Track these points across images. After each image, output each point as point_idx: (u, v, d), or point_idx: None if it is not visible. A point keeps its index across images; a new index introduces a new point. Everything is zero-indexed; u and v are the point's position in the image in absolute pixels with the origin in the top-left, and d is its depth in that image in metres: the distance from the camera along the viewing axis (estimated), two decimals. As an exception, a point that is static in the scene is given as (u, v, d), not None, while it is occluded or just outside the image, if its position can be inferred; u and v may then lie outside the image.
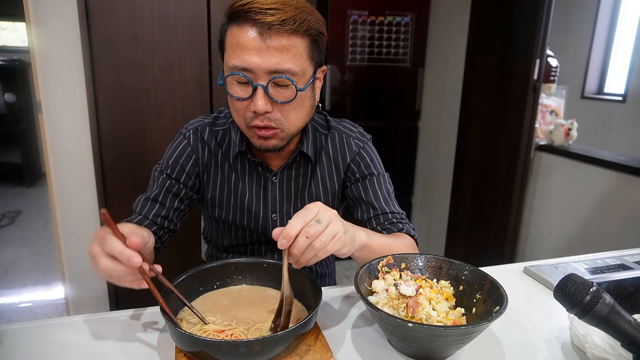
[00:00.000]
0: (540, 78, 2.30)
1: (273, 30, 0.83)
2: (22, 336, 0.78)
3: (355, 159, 1.10)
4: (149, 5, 1.96)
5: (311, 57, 0.91)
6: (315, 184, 1.10)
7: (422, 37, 2.90)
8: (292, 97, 0.89)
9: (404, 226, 1.06)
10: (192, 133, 1.07)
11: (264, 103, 0.87)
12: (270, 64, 0.85)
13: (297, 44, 0.86)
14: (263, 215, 1.10)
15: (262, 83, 0.87)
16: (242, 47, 0.85)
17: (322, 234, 0.74)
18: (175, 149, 1.07)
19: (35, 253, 3.21)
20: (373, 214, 1.08)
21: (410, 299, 0.75)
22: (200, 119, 1.10)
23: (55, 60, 1.92)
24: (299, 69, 0.88)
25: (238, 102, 0.91)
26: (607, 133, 3.68)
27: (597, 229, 2.23)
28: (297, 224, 0.74)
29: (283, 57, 0.85)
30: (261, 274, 0.92)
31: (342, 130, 1.11)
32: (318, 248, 0.74)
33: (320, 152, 1.09)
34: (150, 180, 1.08)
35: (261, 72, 0.86)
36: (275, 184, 1.08)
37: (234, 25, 0.87)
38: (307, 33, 0.88)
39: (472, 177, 2.82)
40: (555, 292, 0.67)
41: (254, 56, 0.85)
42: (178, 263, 2.22)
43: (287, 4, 0.85)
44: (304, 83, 0.91)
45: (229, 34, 0.89)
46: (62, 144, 2.00)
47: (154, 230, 1.02)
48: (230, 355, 0.67)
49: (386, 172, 1.13)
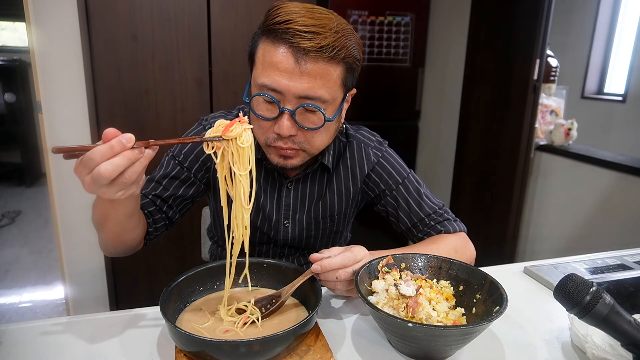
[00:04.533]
0: (540, 78, 2.30)
1: (309, 56, 0.80)
2: (22, 336, 0.78)
3: (376, 169, 1.07)
4: (149, 5, 1.96)
5: (344, 84, 0.88)
6: (331, 194, 1.08)
7: (422, 37, 2.90)
8: (319, 124, 0.86)
9: (443, 226, 1.05)
10: (211, 125, 1.03)
11: (288, 127, 0.85)
12: (302, 89, 0.82)
13: (331, 72, 0.83)
14: (275, 220, 1.08)
15: (289, 108, 0.84)
16: (273, 68, 0.81)
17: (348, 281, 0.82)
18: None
19: (35, 253, 3.21)
20: (410, 224, 1.07)
21: (410, 299, 0.75)
22: (222, 114, 1.07)
23: (55, 60, 1.92)
24: (330, 96, 0.85)
25: (262, 122, 0.88)
26: (607, 133, 3.68)
27: (597, 229, 2.23)
28: (337, 263, 0.80)
29: (316, 83, 0.82)
30: (261, 274, 0.92)
31: (360, 139, 1.09)
32: (336, 288, 0.83)
33: (338, 161, 1.07)
34: (159, 164, 1.05)
35: (290, 96, 0.83)
36: (290, 191, 1.06)
37: (268, 41, 0.82)
38: (345, 61, 0.84)
39: (472, 177, 2.82)
40: (555, 292, 0.67)
41: (285, 79, 0.81)
42: (178, 263, 2.22)
43: (327, 27, 0.81)
44: (333, 110, 0.88)
45: (261, 49, 0.84)
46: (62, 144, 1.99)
47: (151, 211, 0.99)
48: (230, 355, 0.67)
49: (410, 169, 1.10)
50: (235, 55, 2.11)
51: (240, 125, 0.73)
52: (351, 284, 0.82)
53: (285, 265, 0.91)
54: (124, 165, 0.63)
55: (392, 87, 2.95)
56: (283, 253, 1.15)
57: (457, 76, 2.83)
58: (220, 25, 2.06)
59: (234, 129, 0.72)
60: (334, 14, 0.86)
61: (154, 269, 2.21)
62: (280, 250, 1.14)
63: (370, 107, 2.94)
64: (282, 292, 0.84)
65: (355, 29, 2.76)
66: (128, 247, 0.95)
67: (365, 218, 1.08)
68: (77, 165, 0.65)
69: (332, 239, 1.15)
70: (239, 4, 2.07)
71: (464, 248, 1.04)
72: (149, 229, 1.00)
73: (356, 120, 1.18)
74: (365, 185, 1.09)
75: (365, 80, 2.86)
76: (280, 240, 1.10)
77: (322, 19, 0.82)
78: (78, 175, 0.66)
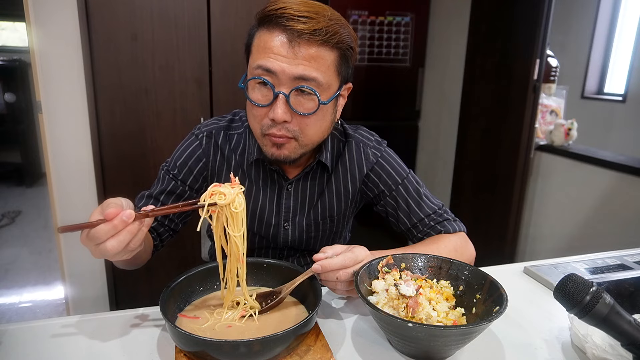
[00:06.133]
0: (540, 78, 2.30)
1: (303, 38, 0.81)
2: (22, 336, 0.78)
3: (375, 169, 1.07)
4: (149, 5, 1.96)
5: (338, 71, 0.88)
6: (330, 194, 1.07)
7: (422, 37, 2.90)
8: (313, 109, 0.86)
9: (442, 226, 1.05)
10: (205, 135, 1.03)
11: (283, 112, 0.85)
12: (296, 71, 0.82)
13: (325, 56, 0.84)
14: (275, 224, 1.07)
15: (284, 91, 0.84)
16: (268, 51, 0.83)
17: (348, 282, 0.82)
18: (185, 150, 1.04)
19: (35, 253, 3.20)
20: (410, 224, 1.07)
21: (410, 299, 0.75)
22: (215, 121, 1.07)
23: (55, 60, 1.92)
24: (324, 80, 0.85)
25: (257, 108, 0.88)
26: (607, 133, 3.68)
27: (597, 229, 2.23)
28: (338, 263, 0.80)
29: (310, 65, 0.83)
30: (261, 274, 0.92)
31: (359, 139, 1.08)
32: (337, 288, 0.84)
33: (337, 160, 1.06)
34: (156, 178, 1.06)
35: (285, 78, 0.83)
36: (290, 193, 1.05)
37: (264, 29, 0.85)
38: (338, 46, 0.85)
39: (472, 177, 2.82)
40: (555, 292, 0.67)
41: (280, 60, 0.82)
42: (178, 263, 2.22)
43: (320, 13, 0.82)
44: (328, 96, 0.88)
45: (257, 37, 0.86)
46: (62, 144, 2.00)
47: (154, 227, 1.02)
48: (230, 355, 0.67)
49: (409, 169, 1.10)
50: (235, 55, 2.11)
51: (232, 189, 0.76)
52: (352, 284, 0.82)
53: (285, 265, 0.91)
54: (128, 240, 0.69)
55: (392, 87, 2.95)
56: (283, 254, 1.14)
57: (457, 76, 2.83)
58: (220, 25, 2.06)
59: (227, 194, 0.74)
60: (329, 7, 0.87)
61: (154, 269, 2.21)
62: (279, 252, 1.14)
63: (370, 107, 2.94)
64: (282, 289, 0.85)
65: (355, 29, 2.76)
66: (138, 264, 0.97)
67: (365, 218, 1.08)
68: (84, 238, 0.70)
69: (332, 240, 1.15)
70: (239, 4, 2.07)
71: (464, 248, 1.04)
72: (155, 242, 1.02)
73: (356, 120, 1.18)
74: (365, 185, 1.09)
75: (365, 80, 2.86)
76: (280, 242, 1.10)
77: (316, 7, 0.84)
78: (84, 245, 0.71)
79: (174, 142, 1.07)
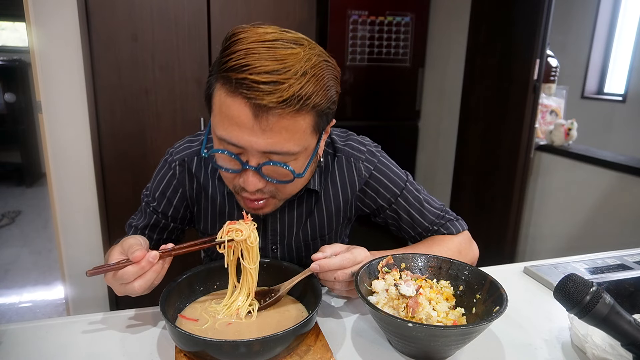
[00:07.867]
0: (540, 78, 2.30)
1: (271, 113, 0.68)
2: (22, 336, 0.78)
3: (370, 183, 0.99)
4: (149, 5, 1.96)
5: (316, 130, 0.77)
6: (320, 214, 1.00)
7: (422, 37, 2.90)
8: (289, 178, 0.78)
9: (446, 228, 1.03)
10: (178, 165, 0.97)
11: (255, 182, 0.77)
12: (265, 145, 0.71)
13: (299, 123, 0.72)
14: (262, 247, 1.01)
15: (253, 165, 0.75)
16: (232, 123, 0.71)
17: (347, 282, 0.82)
18: (161, 181, 0.99)
19: (35, 253, 3.21)
20: (414, 233, 1.04)
21: (410, 299, 0.75)
22: (186, 145, 0.98)
23: (55, 60, 1.92)
24: (299, 148, 0.75)
25: (225, 173, 0.80)
26: (607, 133, 3.68)
27: (597, 229, 2.23)
28: (336, 264, 0.80)
29: (281, 137, 0.71)
30: (261, 273, 0.92)
31: (349, 152, 0.98)
32: (335, 288, 0.83)
33: (326, 178, 0.97)
34: (139, 208, 1.04)
35: (254, 151, 0.73)
36: (276, 216, 0.99)
37: (224, 90, 0.70)
38: (314, 109, 0.72)
39: (472, 177, 2.82)
40: (555, 292, 0.67)
41: (246, 134, 0.71)
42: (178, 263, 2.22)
43: (292, 70, 0.68)
44: (306, 158, 0.79)
45: (217, 97, 0.72)
46: (62, 144, 2.00)
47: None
48: (230, 355, 0.67)
49: (406, 175, 1.03)
50: (235, 55, 2.11)
51: (247, 225, 0.80)
52: (351, 285, 0.82)
53: (285, 265, 0.91)
54: (153, 279, 0.75)
55: (392, 87, 2.95)
56: None
57: (457, 76, 2.83)
58: (220, 25, 2.06)
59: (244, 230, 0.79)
60: (304, 42, 0.73)
61: (154, 269, 2.21)
62: None
63: (370, 107, 2.94)
64: (280, 287, 0.85)
65: (355, 29, 2.76)
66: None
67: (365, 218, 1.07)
68: (110, 278, 0.75)
69: None
70: (239, 4, 2.07)
71: (468, 249, 1.03)
72: None
73: (356, 120, 1.17)
74: (360, 201, 1.02)
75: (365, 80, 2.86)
76: None
77: (286, 57, 0.68)
78: (109, 284, 0.76)
79: (173, 142, 1.06)
